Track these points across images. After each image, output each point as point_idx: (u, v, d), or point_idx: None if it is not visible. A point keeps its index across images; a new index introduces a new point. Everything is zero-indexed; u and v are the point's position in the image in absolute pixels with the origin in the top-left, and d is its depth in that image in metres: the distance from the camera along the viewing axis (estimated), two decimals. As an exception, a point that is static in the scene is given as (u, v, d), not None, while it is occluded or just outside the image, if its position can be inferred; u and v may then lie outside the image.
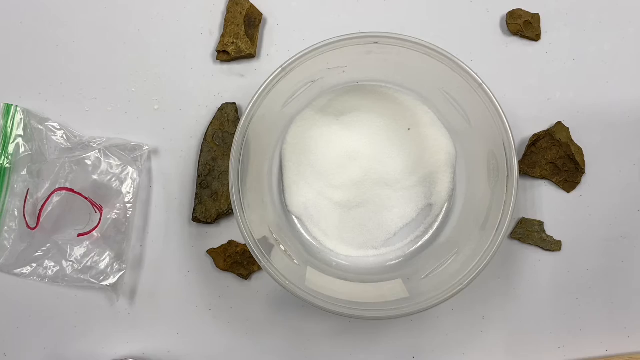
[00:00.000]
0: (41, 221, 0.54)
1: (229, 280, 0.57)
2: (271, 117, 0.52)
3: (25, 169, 0.56)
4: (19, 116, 0.56)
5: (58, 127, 0.56)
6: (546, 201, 0.58)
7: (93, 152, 0.55)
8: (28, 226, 0.55)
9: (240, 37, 0.57)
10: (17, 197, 0.56)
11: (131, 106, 0.58)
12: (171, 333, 0.57)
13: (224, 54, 0.58)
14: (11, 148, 0.56)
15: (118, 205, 0.55)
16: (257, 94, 0.49)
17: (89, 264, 0.55)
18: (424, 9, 0.59)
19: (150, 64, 0.58)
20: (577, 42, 0.59)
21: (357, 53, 0.51)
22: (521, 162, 0.57)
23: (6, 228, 0.56)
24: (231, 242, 0.57)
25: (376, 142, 0.56)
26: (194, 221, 0.57)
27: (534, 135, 0.57)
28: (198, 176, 0.57)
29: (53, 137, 0.56)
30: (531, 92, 0.59)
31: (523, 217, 0.57)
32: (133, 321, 0.57)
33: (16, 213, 0.56)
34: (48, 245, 0.55)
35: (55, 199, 0.54)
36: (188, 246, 0.57)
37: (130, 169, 0.56)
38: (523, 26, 0.58)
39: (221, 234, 0.57)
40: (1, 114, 0.57)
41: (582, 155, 0.57)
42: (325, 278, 0.53)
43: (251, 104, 0.49)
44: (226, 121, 0.57)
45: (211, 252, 0.57)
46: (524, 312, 0.57)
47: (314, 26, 0.59)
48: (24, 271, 0.55)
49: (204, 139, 0.57)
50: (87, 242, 0.55)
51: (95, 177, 0.55)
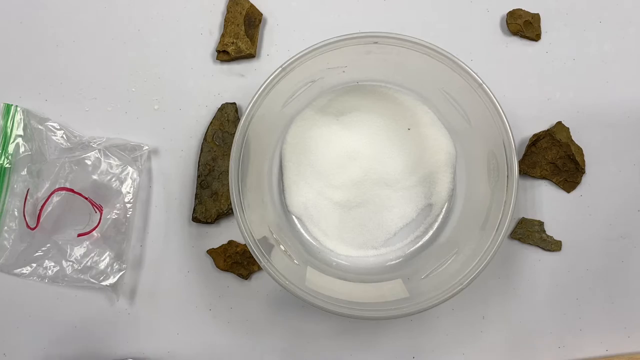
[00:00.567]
0: (41, 221, 0.54)
1: (229, 280, 0.57)
2: (271, 117, 0.52)
3: (25, 169, 0.56)
4: (19, 116, 0.56)
5: (58, 127, 0.56)
6: (546, 201, 0.58)
7: (93, 152, 0.55)
8: (28, 226, 0.55)
9: (240, 37, 0.57)
10: (17, 197, 0.56)
11: (131, 106, 0.58)
12: (171, 333, 0.57)
13: (224, 54, 0.58)
14: (11, 148, 0.56)
15: (118, 205, 0.55)
16: (257, 94, 0.49)
17: (89, 264, 0.55)
18: (424, 9, 0.59)
19: (150, 64, 0.58)
20: (577, 42, 0.59)
21: (357, 53, 0.51)
22: (521, 162, 0.57)
23: (6, 228, 0.56)
24: (231, 242, 0.57)
25: (376, 142, 0.56)
26: (194, 221, 0.57)
27: (534, 135, 0.57)
28: (198, 176, 0.57)
29: (53, 137, 0.56)
30: (531, 92, 0.59)
31: (523, 217, 0.57)
32: (133, 321, 0.57)
33: (16, 213, 0.56)
34: (48, 245, 0.55)
35: (55, 199, 0.54)
36: (188, 246, 0.57)
37: (130, 169, 0.56)
38: (523, 26, 0.58)
39: (221, 234, 0.57)
40: (1, 114, 0.57)
41: (582, 155, 0.57)
42: (325, 278, 0.53)
43: (251, 104, 0.49)
44: (226, 121, 0.57)
45: (211, 252, 0.57)
46: (524, 312, 0.57)
47: (314, 26, 0.59)
48: (24, 271, 0.55)
49: (204, 139, 0.57)
50: (87, 242, 0.55)
51: (95, 177, 0.55)
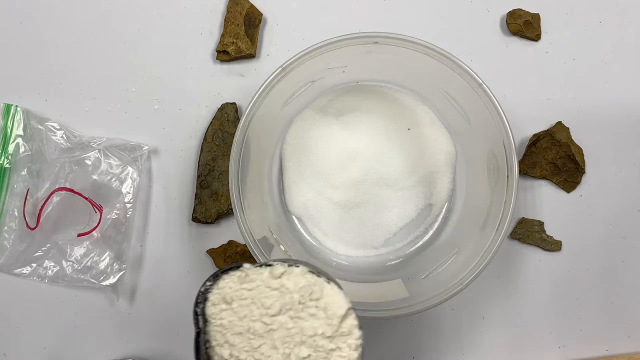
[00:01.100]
0: (41, 221, 0.54)
1: (229, 280, 0.57)
2: (271, 117, 0.52)
3: (25, 169, 0.56)
4: (19, 116, 0.56)
5: (58, 127, 0.56)
6: (546, 201, 0.58)
7: (93, 152, 0.55)
8: (28, 226, 0.55)
9: (240, 37, 0.57)
10: (17, 197, 0.56)
11: (131, 106, 0.58)
12: (171, 333, 0.57)
13: (224, 54, 0.58)
14: (11, 148, 0.56)
15: (118, 205, 0.55)
16: (257, 94, 0.49)
17: (89, 264, 0.55)
18: (424, 9, 0.59)
19: (150, 64, 0.58)
20: (578, 42, 0.59)
21: (357, 53, 0.51)
22: (521, 162, 0.57)
23: (6, 228, 0.56)
24: (231, 242, 0.57)
25: (376, 142, 0.56)
26: (194, 221, 0.57)
27: (534, 135, 0.57)
28: (198, 176, 0.57)
29: (53, 137, 0.56)
30: (531, 92, 0.59)
31: (523, 217, 0.57)
32: (133, 321, 0.57)
33: (16, 213, 0.56)
34: (48, 245, 0.55)
35: (55, 199, 0.54)
36: (188, 246, 0.57)
37: (130, 169, 0.56)
38: (523, 26, 0.58)
39: (221, 234, 0.57)
40: (1, 114, 0.57)
41: (582, 155, 0.57)
42: (325, 278, 0.53)
43: (251, 104, 0.49)
44: (226, 121, 0.57)
45: (211, 252, 0.57)
46: (524, 312, 0.57)
47: (314, 26, 0.59)
48: (24, 271, 0.55)
49: (204, 139, 0.57)
50: (87, 242, 0.55)
51: (95, 177, 0.55)
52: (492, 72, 0.57)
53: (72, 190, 0.55)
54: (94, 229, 0.55)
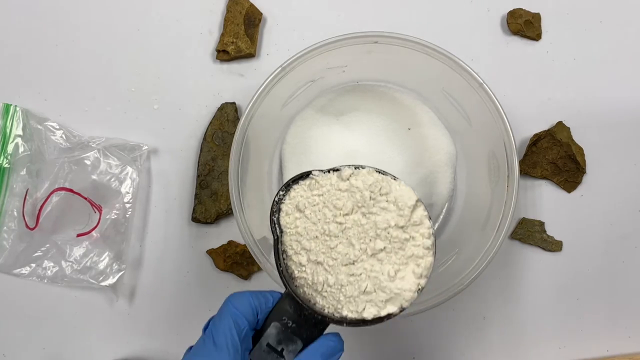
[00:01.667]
0: (40, 221, 0.54)
1: (229, 280, 0.57)
2: (271, 117, 0.52)
3: (24, 169, 0.56)
4: (18, 116, 0.56)
5: (57, 127, 0.56)
6: (547, 201, 0.58)
7: (92, 152, 0.55)
8: (27, 226, 0.55)
9: (240, 37, 0.57)
10: (17, 197, 0.56)
11: (131, 106, 0.58)
12: (171, 333, 0.57)
13: (224, 54, 0.58)
14: (10, 148, 0.56)
15: (117, 205, 0.55)
16: (257, 94, 0.49)
17: (89, 264, 0.55)
18: (424, 9, 0.59)
19: (150, 64, 0.58)
20: (578, 42, 0.59)
21: (357, 53, 0.50)
22: (522, 162, 0.57)
23: (5, 228, 0.56)
24: (231, 242, 0.57)
25: (376, 142, 0.56)
26: (194, 221, 0.57)
27: (535, 135, 0.57)
28: (198, 176, 0.57)
29: (52, 137, 0.56)
30: (532, 92, 0.58)
31: (524, 217, 0.57)
32: (133, 321, 0.57)
33: (15, 213, 0.55)
34: (47, 245, 0.55)
35: (54, 199, 0.54)
36: (188, 246, 0.57)
37: (129, 169, 0.56)
38: (524, 26, 0.58)
39: (221, 234, 0.57)
40: (0, 114, 0.57)
41: (583, 155, 0.57)
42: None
43: (251, 104, 0.49)
44: (226, 121, 0.57)
45: (211, 252, 0.57)
46: (525, 313, 0.57)
47: (314, 26, 0.59)
48: (23, 271, 0.55)
49: (204, 139, 0.57)
50: (87, 242, 0.55)
51: (94, 177, 0.55)
52: (493, 72, 0.57)
53: (72, 190, 0.55)
54: (94, 229, 0.55)
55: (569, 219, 0.58)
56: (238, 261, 0.56)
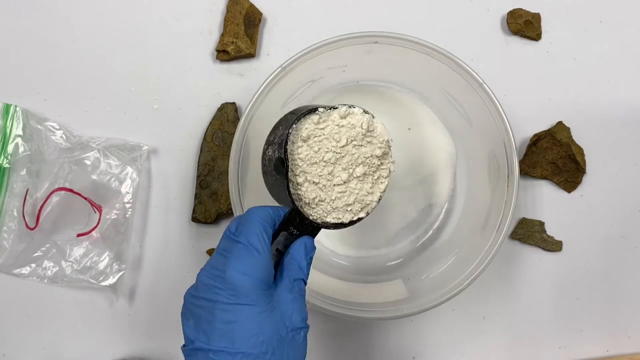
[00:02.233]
0: (40, 221, 0.54)
1: (229, 280, 0.57)
2: (271, 117, 0.52)
3: (24, 169, 0.56)
4: (18, 116, 0.56)
5: (57, 127, 0.56)
6: (547, 201, 0.58)
7: (92, 152, 0.55)
8: (27, 226, 0.55)
9: (240, 37, 0.57)
10: (17, 197, 0.55)
11: (131, 106, 0.58)
12: (171, 333, 0.57)
13: (224, 54, 0.58)
14: (10, 148, 0.56)
15: (117, 205, 0.55)
16: (257, 94, 0.49)
17: (89, 264, 0.55)
18: (424, 9, 0.59)
19: (150, 64, 0.58)
20: (578, 42, 0.59)
21: (357, 53, 0.50)
22: (522, 162, 0.57)
23: (5, 228, 0.56)
24: (231, 242, 0.57)
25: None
26: (194, 221, 0.57)
27: (535, 135, 0.57)
28: (198, 176, 0.57)
29: (52, 137, 0.56)
30: (532, 92, 0.58)
31: (524, 217, 0.57)
32: (133, 321, 0.57)
33: (15, 213, 0.55)
34: (47, 245, 0.55)
35: (54, 199, 0.54)
36: (188, 246, 0.57)
37: (129, 169, 0.56)
38: (524, 26, 0.58)
39: (221, 234, 0.57)
40: (0, 114, 0.57)
41: (583, 155, 0.57)
42: (325, 278, 0.53)
43: (251, 104, 0.49)
44: (226, 121, 0.57)
45: (211, 252, 0.57)
46: (525, 313, 0.57)
47: (314, 26, 0.59)
48: (24, 271, 0.55)
49: (204, 139, 0.57)
50: (87, 242, 0.55)
51: (94, 177, 0.55)
52: (493, 72, 0.57)
53: (72, 190, 0.55)
54: (94, 229, 0.55)
55: (569, 219, 0.58)
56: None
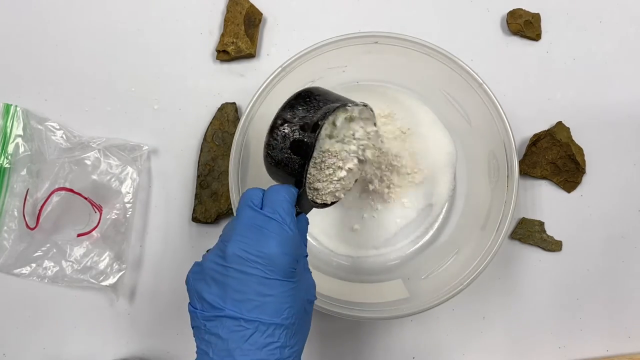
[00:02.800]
0: (41, 221, 0.54)
1: (229, 280, 0.57)
2: (271, 117, 0.52)
3: (24, 169, 0.56)
4: (19, 116, 0.56)
5: (57, 127, 0.56)
6: (547, 201, 0.58)
7: (92, 152, 0.55)
8: (27, 226, 0.55)
9: (240, 37, 0.57)
10: (17, 197, 0.56)
11: (131, 106, 0.58)
12: (171, 333, 0.57)
13: (224, 54, 0.58)
14: (11, 148, 0.56)
15: (118, 205, 0.55)
16: (257, 94, 0.49)
17: (89, 264, 0.55)
18: (424, 9, 0.59)
19: (150, 64, 0.58)
20: (578, 42, 0.59)
21: (357, 53, 0.50)
22: (522, 162, 0.57)
23: (6, 228, 0.56)
24: (231, 242, 0.57)
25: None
26: (194, 221, 0.57)
27: (535, 135, 0.57)
28: (198, 176, 0.57)
29: (52, 137, 0.56)
30: (531, 92, 0.58)
31: (523, 217, 0.57)
32: (133, 321, 0.57)
33: (16, 213, 0.56)
34: (48, 245, 0.55)
35: (54, 199, 0.54)
36: (188, 246, 0.57)
37: (129, 169, 0.56)
38: (523, 26, 0.58)
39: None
40: (1, 114, 0.57)
41: (583, 155, 0.57)
42: (325, 278, 0.53)
43: (251, 104, 0.49)
44: (226, 121, 0.57)
45: (211, 252, 0.57)
46: (525, 313, 0.57)
47: (314, 26, 0.59)
48: (24, 271, 0.55)
49: (204, 139, 0.57)
50: (87, 242, 0.55)
51: (94, 177, 0.55)
52: (493, 72, 0.57)
53: (72, 190, 0.55)
54: (94, 229, 0.55)
55: (569, 219, 0.58)
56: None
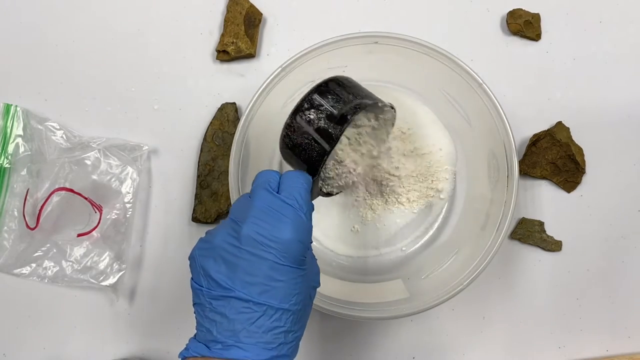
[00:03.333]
0: (41, 221, 0.54)
1: (229, 280, 0.57)
2: (271, 117, 0.52)
3: (25, 169, 0.56)
4: (19, 116, 0.56)
5: (58, 127, 0.56)
6: (546, 201, 0.58)
7: (93, 152, 0.55)
8: (28, 226, 0.55)
9: (240, 37, 0.57)
10: (17, 197, 0.56)
11: (131, 106, 0.58)
12: (171, 333, 0.57)
13: (224, 54, 0.58)
14: (11, 148, 0.56)
15: (118, 205, 0.55)
16: (257, 94, 0.49)
17: (89, 264, 0.55)
18: (424, 9, 0.59)
19: (150, 64, 0.58)
20: (578, 42, 0.59)
21: (357, 53, 0.51)
22: (521, 162, 0.57)
23: (6, 228, 0.56)
24: (231, 242, 0.57)
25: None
26: (194, 221, 0.57)
27: (535, 135, 0.57)
28: (198, 176, 0.57)
29: (53, 137, 0.56)
30: (531, 92, 0.58)
31: (523, 217, 0.57)
32: (133, 321, 0.57)
33: (16, 213, 0.56)
34: (48, 245, 0.55)
35: (54, 199, 0.54)
36: (188, 246, 0.57)
37: (129, 169, 0.56)
38: (523, 26, 0.58)
39: (221, 234, 0.57)
40: (1, 114, 0.57)
41: (583, 155, 0.57)
42: (325, 278, 0.53)
43: (251, 104, 0.49)
44: (226, 121, 0.57)
45: (211, 252, 0.57)
46: (524, 312, 0.57)
47: (314, 26, 0.59)
48: (24, 271, 0.55)
49: (204, 139, 0.57)
50: (87, 242, 0.55)
51: (94, 177, 0.55)
52: (492, 72, 0.57)
53: (72, 190, 0.55)
54: (94, 229, 0.55)
55: (569, 219, 0.58)
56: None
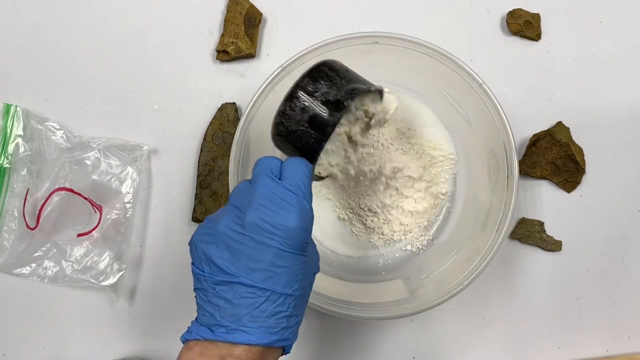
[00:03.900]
0: (41, 221, 0.54)
1: (229, 280, 0.57)
2: (271, 117, 0.52)
3: (25, 169, 0.56)
4: (19, 116, 0.56)
5: (58, 127, 0.56)
6: (546, 201, 0.58)
7: (93, 152, 0.55)
8: (28, 226, 0.55)
9: (240, 37, 0.57)
10: (17, 197, 0.56)
11: (131, 106, 0.58)
12: (171, 333, 0.57)
13: (224, 54, 0.58)
14: (11, 148, 0.56)
15: (118, 205, 0.55)
16: (257, 94, 0.49)
17: (89, 264, 0.55)
18: (424, 9, 0.59)
19: (150, 64, 0.58)
20: (578, 42, 0.59)
21: (357, 53, 0.50)
22: (521, 162, 0.57)
23: (6, 228, 0.56)
24: (231, 242, 0.57)
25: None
26: (194, 221, 0.57)
27: (534, 135, 0.57)
28: (198, 176, 0.57)
29: (53, 137, 0.56)
30: (531, 92, 0.58)
31: (523, 217, 0.57)
32: (133, 321, 0.57)
33: (16, 213, 0.56)
34: (48, 245, 0.55)
35: (54, 199, 0.54)
36: (188, 246, 0.57)
37: (130, 169, 0.56)
38: (523, 26, 0.58)
39: (221, 234, 0.57)
40: (1, 114, 0.57)
41: (583, 155, 0.57)
42: (325, 278, 0.53)
43: (251, 104, 0.49)
44: (226, 121, 0.57)
45: (211, 252, 0.57)
46: (524, 312, 0.57)
47: (314, 26, 0.59)
48: (24, 271, 0.55)
49: (204, 139, 0.57)
50: (87, 242, 0.55)
51: (94, 177, 0.55)
52: (492, 72, 0.57)
53: (72, 190, 0.55)
54: (94, 229, 0.55)
55: (569, 219, 0.58)
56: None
